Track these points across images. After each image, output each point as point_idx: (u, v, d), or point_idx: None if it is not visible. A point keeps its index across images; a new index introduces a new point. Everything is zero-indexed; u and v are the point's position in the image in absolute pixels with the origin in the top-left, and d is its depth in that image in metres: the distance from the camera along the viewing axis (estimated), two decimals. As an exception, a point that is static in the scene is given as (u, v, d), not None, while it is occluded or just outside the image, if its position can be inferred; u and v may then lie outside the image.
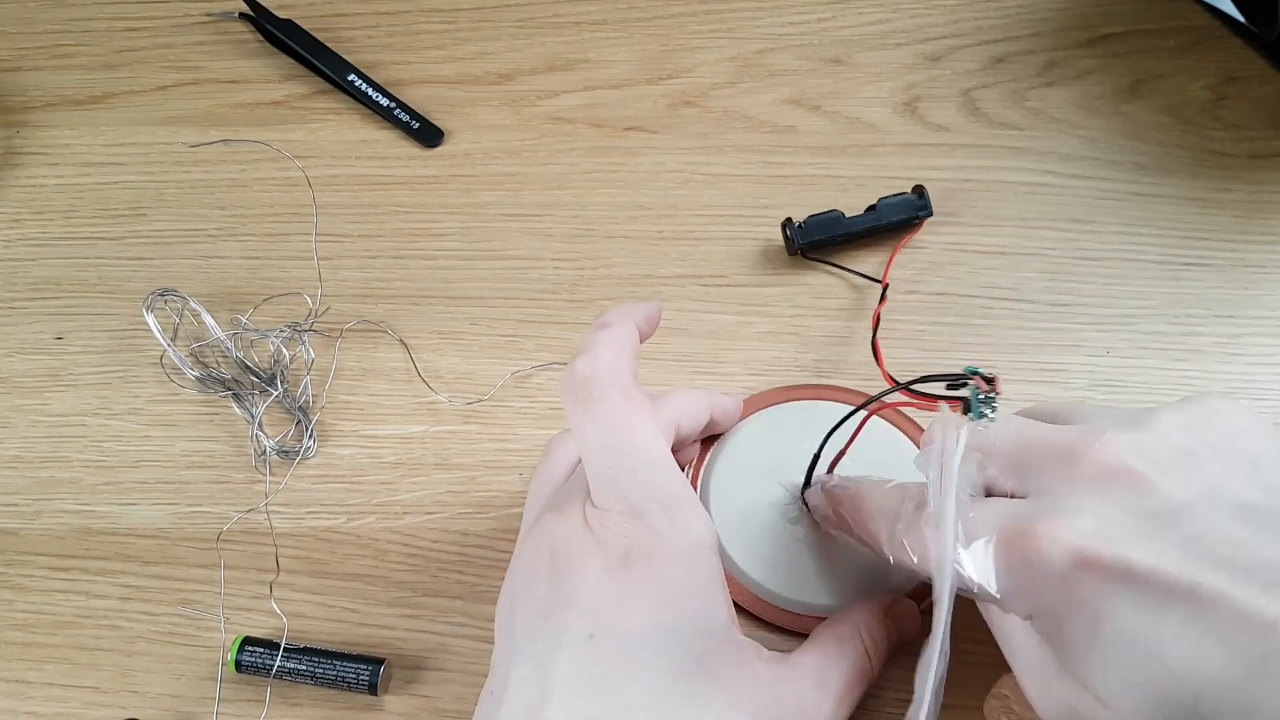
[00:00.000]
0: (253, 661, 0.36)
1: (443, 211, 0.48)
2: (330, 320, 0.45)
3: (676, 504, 0.29)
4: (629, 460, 0.29)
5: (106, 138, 0.51)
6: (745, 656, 0.29)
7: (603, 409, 0.29)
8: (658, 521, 0.28)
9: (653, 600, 0.27)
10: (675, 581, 0.28)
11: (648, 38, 0.53)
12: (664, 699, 0.27)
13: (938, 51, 0.51)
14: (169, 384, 0.43)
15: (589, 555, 0.28)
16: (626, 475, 0.29)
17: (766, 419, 0.40)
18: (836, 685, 0.31)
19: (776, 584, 0.37)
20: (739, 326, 0.44)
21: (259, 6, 0.53)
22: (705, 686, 0.27)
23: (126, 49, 0.54)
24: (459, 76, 0.52)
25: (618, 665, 0.27)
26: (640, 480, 0.29)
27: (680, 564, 0.28)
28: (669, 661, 0.27)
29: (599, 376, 0.29)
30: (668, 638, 0.27)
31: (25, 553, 0.40)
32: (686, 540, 0.28)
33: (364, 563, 0.39)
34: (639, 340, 0.31)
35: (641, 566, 0.28)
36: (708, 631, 0.28)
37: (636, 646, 0.27)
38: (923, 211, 0.45)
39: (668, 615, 0.27)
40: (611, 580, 0.27)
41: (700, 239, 0.46)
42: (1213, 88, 0.49)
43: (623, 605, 0.27)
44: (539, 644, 0.28)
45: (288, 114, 0.51)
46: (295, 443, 0.42)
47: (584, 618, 0.27)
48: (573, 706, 0.26)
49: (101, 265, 0.47)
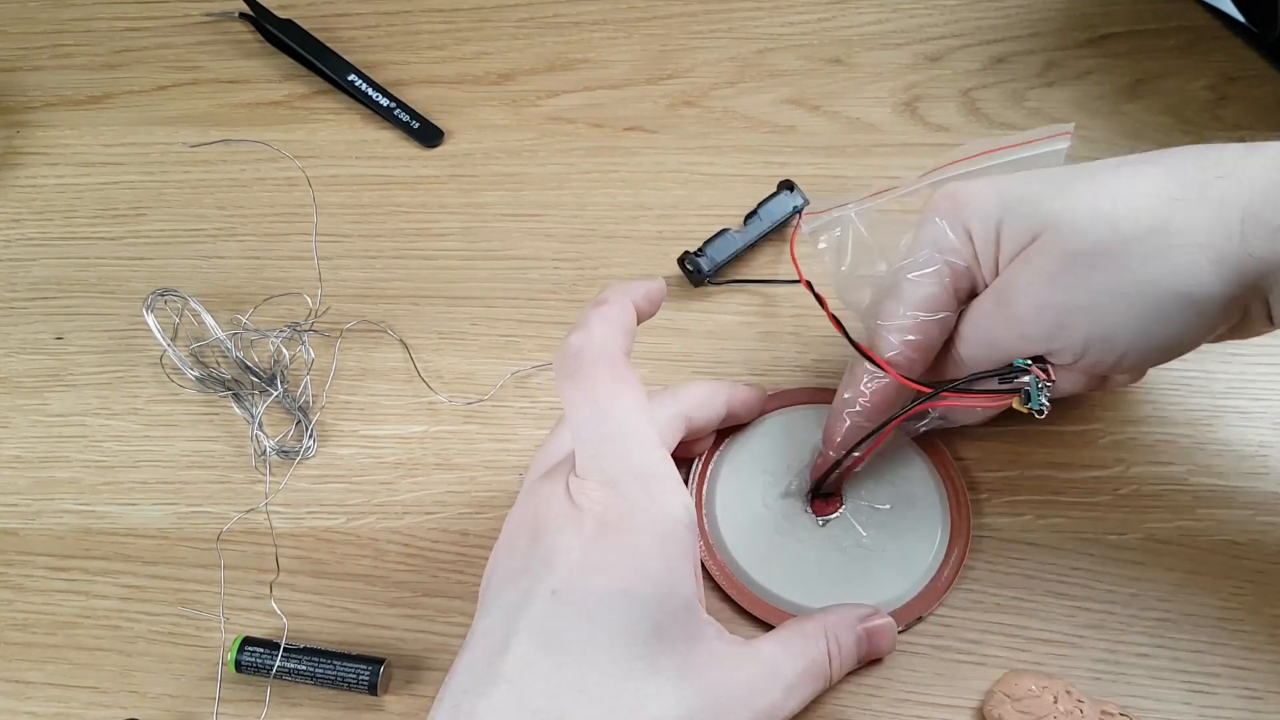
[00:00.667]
0: (253, 661, 0.36)
1: (443, 211, 0.48)
2: (330, 320, 0.45)
3: (653, 478, 0.29)
4: (609, 432, 0.29)
5: (106, 138, 0.51)
6: (704, 633, 0.30)
7: (588, 383, 0.30)
8: (633, 493, 0.29)
9: (619, 566, 0.28)
10: (643, 550, 0.29)
11: (648, 38, 0.53)
12: (617, 660, 0.28)
13: (938, 51, 0.51)
14: (169, 384, 0.43)
15: (566, 520, 0.29)
16: (606, 447, 0.29)
17: (781, 420, 0.40)
18: (787, 677, 0.31)
19: (775, 583, 0.37)
20: (739, 327, 0.44)
21: (259, 6, 0.53)
22: (659, 654, 0.28)
23: (126, 49, 0.54)
24: (459, 76, 0.52)
25: (577, 623, 0.28)
26: (619, 452, 0.29)
27: (650, 535, 0.29)
28: (627, 625, 0.28)
29: (588, 352, 0.30)
30: (629, 602, 0.28)
31: (25, 553, 0.39)
32: (659, 513, 0.29)
33: (364, 563, 0.39)
34: (636, 318, 0.32)
35: (612, 534, 0.28)
36: (669, 603, 0.29)
37: (597, 607, 0.28)
38: (799, 205, 0.45)
39: (631, 582, 0.28)
40: (583, 544, 0.28)
41: (700, 239, 0.46)
42: (1213, 88, 0.49)
43: (590, 568, 0.28)
44: (507, 598, 0.29)
45: (288, 114, 0.51)
46: (295, 443, 0.42)
47: (552, 576, 0.28)
48: (527, 658, 0.27)
49: (101, 265, 0.47)
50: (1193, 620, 0.36)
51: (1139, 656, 0.36)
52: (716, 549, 0.38)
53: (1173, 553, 0.38)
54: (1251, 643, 0.36)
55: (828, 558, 0.37)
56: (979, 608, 0.37)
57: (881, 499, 0.38)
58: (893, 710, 0.35)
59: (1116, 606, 0.37)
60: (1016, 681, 0.34)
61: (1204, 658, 0.36)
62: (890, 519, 0.38)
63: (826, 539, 0.37)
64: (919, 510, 0.38)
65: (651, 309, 0.33)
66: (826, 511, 0.38)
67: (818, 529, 0.38)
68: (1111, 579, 0.37)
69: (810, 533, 0.38)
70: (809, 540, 0.37)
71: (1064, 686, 0.34)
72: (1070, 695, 0.33)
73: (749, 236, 0.45)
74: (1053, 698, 0.33)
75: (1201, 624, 0.36)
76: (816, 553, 0.37)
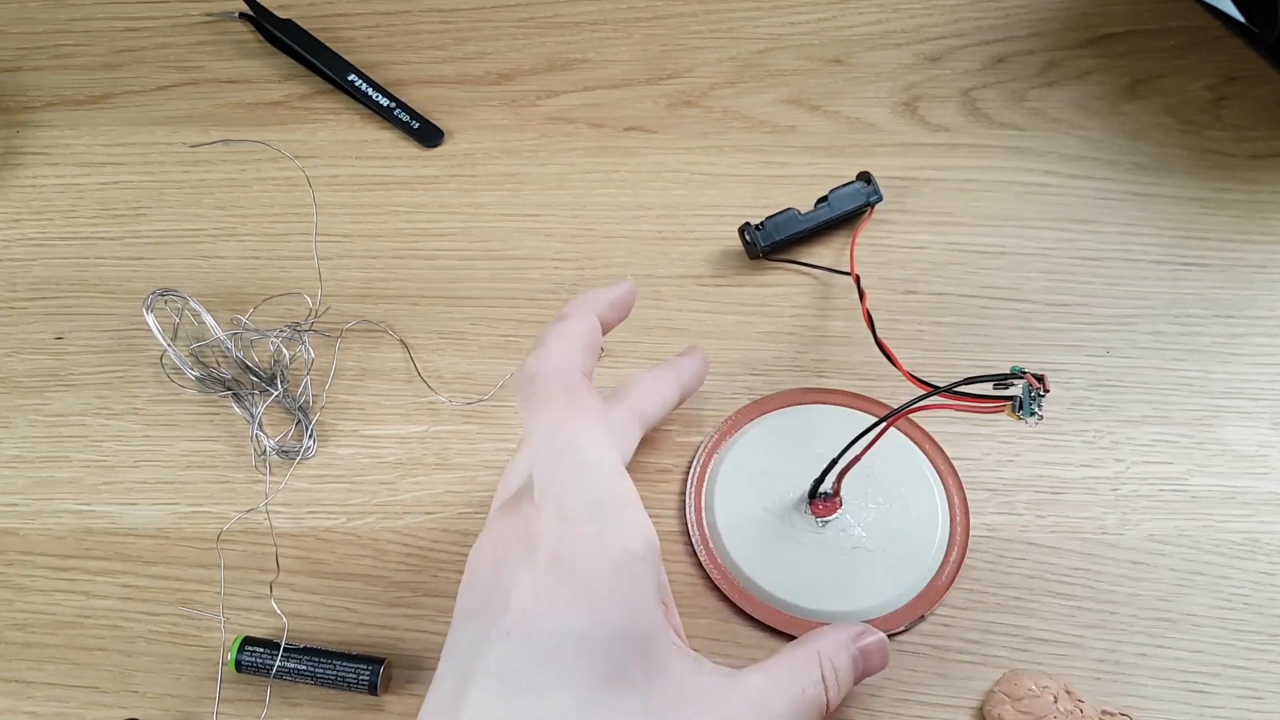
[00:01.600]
0: (253, 661, 0.36)
1: (443, 211, 0.48)
2: (330, 320, 0.45)
3: (610, 508, 0.28)
4: (565, 462, 0.28)
5: (106, 138, 0.51)
6: (673, 669, 0.29)
7: (544, 409, 0.29)
8: (586, 526, 0.28)
9: (572, 604, 0.27)
10: (596, 586, 0.27)
11: (648, 38, 0.53)
12: (578, 703, 0.26)
13: (938, 51, 0.51)
14: (169, 384, 0.43)
15: (522, 556, 0.28)
16: (562, 477, 0.28)
17: (774, 422, 0.40)
18: (775, 710, 0.30)
19: (776, 585, 0.37)
20: (739, 326, 0.44)
21: (259, 6, 0.53)
22: (621, 697, 0.27)
23: (126, 49, 0.54)
24: (459, 76, 0.52)
25: (534, 666, 0.27)
26: (573, 483, 0.28)
27: (603, 569, 0.27)
28: (585, 667, 0.27)
29: (544, 375, 0.29)
30: (584, 644, 0.27)
31: (25, 553, 0.39)
32: (614, 546, 0.28)
33: (364, 563, 0.39)
34: (600, 331, 0.31)
35: (565, 570, 0.27)
36: (627, 641, 0.27)
37: (552, 649, 0.27)
38: (873, 197, 0.45)
39: (584, 620, 0.27)
40: (536, 582, 0.27)
41: (700, 239, 0.46)
42: (1213, 88, 0.49)
43: (543, 606, 0.27)
44: (467, 637, 0.28)
45: (288, 114, 0.51)
46: (295, 443, 0.42)
47: (506, 616, 0.27)
48: (485, 703, 0.26)
49: (101, 265, 0.47)
50: (1193, 620, 0.36)
51: (1139, 656, 0.36)
52: (716, 552, 0.38)
53: (1173, 553, 0.38)
54: (1251, 643, 0.36)
55: (828, 559, 0.37)
56: (979, 608, 0.37)
57: (881, 499, 0.38)
58: (893, 710, 0.35)
59: (1116, 606, 0.37)
60: (1016, 681, 0.34)
61: (1204, 658, 0.36)
62: (890, 519, 0.38)
63: (826, 540, 0.37)
64: (918, 510, 0.38)
65: (619, 315, 0.32)
66: (826, 513, 0.38)
67: (818, 530, 0.38)
68: (1111, 579, 0.37)
69: (810, 534, 0.38)
70: (809, 542, 0.37)
71: (1064, 686, 0.34)
72: (1070, 695, 0.33)
73: (813, 220, 0.45)
74: (1053, 698, 0.33)
75: (1201, 624, 0.36)
76: (817, 554, 0.37)
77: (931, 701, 0.35)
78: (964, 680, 0.35)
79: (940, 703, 0.35)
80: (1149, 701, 0.35)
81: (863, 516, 0.38)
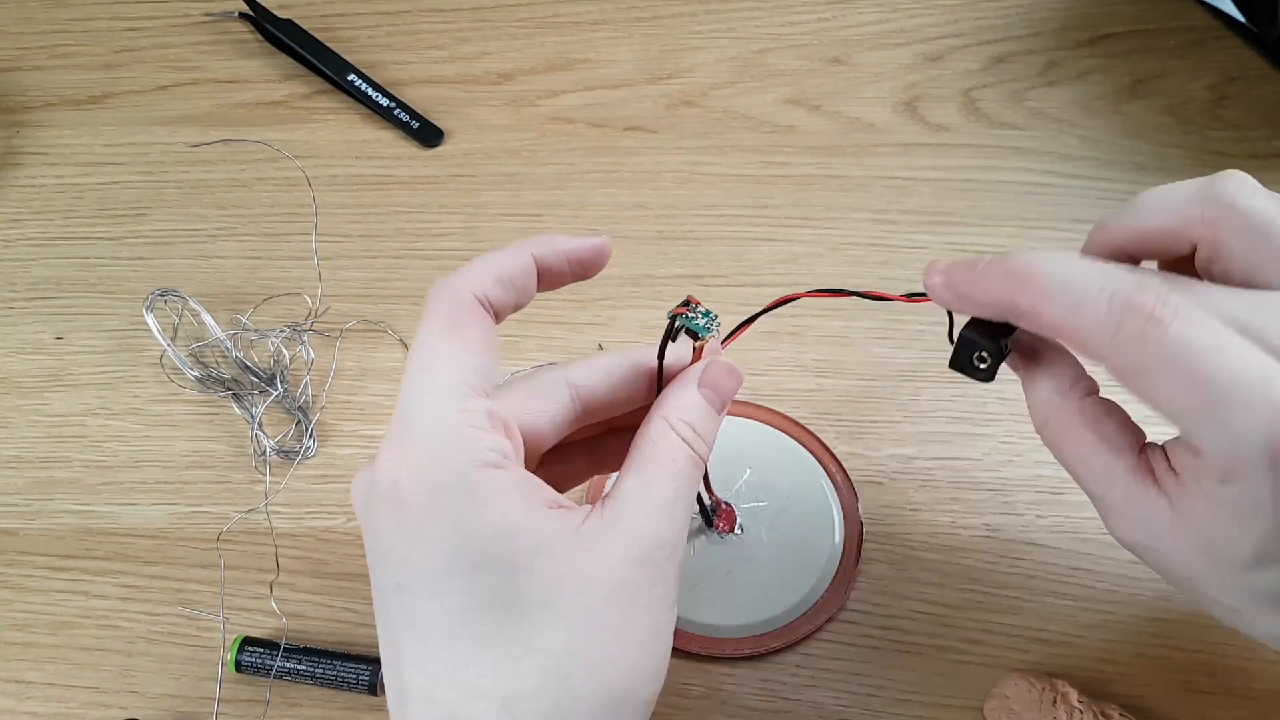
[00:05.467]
0: (253, 662, 0.36)
1: (443, 211, 0.48)
2: (330, 320, 0.45)
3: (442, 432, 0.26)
4: (414, 382, 0.27)
5: (106, 138, 0.51)
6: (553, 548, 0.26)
7: (422, 325, 0.28)
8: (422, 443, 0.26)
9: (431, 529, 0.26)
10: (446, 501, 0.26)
11: (648, 38, 0.53)
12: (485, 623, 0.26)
13: (938, 51, 0.51)
14: (169, 384, 0.43)
15: (376, 500, 0.27)
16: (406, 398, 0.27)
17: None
18: (658, 501, 0.27)
19: (691, 610, 0.36)
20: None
21: (259, 6, 0.53)
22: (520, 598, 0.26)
23: (126, 49, 0.54)
24: (459, 76, 0.52)
25: (431, 604, 0.26)
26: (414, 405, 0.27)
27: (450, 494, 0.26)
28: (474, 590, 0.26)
29: (435, 293, 0.28)
30: (462, 561, 0.26)
31: (25, 553, 0.39)
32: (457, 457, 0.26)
33: (364, 563, 0.38)
34: (534, 272, 0.29)
35: (411, 498, 0.26)
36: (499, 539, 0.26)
37: (437, 588, 0.26)
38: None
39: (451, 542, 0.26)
40: (394, 521, 0.26)
41: (700, 239, 0.46)
42: (1213, 88, 0.49)
43: (411, 545, 0.26)
44: (378, 600, 0.27)
45: (288, 114, 0.51)
46: (295, 443, 0.42)
47: (390, 570, 0.27)
48: (416, 656, 0.26)
49: (101, 265, 0.47)
50: (1192, 620, 0.36)
51: (1139, 657, 0.36)
52: None
53: (1173, 553, 0.38)
54: (1251, 642, 0.36)
55: (737, 570, 0.37)
56: (979, 608, 0.37)
57: (770, 498, 0.38)
58: (893, 710, 0.35)
59: (1116, 606, 0.37)
60: (1016, 682, 0.34)
61: (1204, 658, 0.36)
62: (785, 515, 0.38)
63: (730, 552, 0.37)
64: (809, 499, 0.38)
65: (575, 271, 0.30)
66: (724, 526, 0.38)
67: (720, 544, 0.38)
68: (1111, 579, 0.37)
69: (713, 549, 0.37)
70: (714, 557, 0.37)
71: (1064, 686, 0.34)
72: (1070, 695, 0.33)
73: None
74: (1053, 698, 0.33)
75: (1201, 624, 0.36)
76: (724, 568, 0.37)
77: (931, 701, 0.35)
78: (964, 680, 0.35)
79: (940, 703, 0.35)
80: (1149, 701, 0.35)
81: (759, 520, 0.38)
